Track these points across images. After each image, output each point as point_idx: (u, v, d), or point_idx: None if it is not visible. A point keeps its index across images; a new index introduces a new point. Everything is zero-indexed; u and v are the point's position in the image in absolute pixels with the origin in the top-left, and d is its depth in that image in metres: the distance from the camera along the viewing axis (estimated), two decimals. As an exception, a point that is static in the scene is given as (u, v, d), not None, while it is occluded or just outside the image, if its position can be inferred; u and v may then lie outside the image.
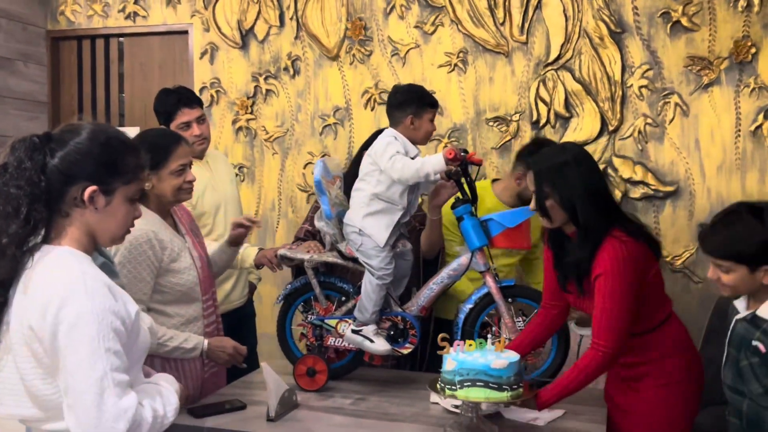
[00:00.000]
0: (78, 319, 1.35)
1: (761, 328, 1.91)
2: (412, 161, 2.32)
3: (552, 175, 2.11)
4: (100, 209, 1.48)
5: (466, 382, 1.88)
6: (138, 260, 2.12)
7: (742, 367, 1.96)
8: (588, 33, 3.48)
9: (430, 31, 3.68)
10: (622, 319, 2.04)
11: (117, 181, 1.50)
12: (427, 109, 2.44)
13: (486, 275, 2.37)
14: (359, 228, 2.38)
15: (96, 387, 1.34)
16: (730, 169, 3.33)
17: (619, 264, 2.03)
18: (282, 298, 2.60)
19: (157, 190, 2.22)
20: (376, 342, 2.39)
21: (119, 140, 1.53)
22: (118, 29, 4.20)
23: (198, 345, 2.24)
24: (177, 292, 2.22)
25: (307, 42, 3.87)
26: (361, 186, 2.43)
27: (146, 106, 4.19)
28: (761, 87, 3.27)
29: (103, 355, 1.35)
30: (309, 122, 3.89)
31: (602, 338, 2.04)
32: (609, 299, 2.03)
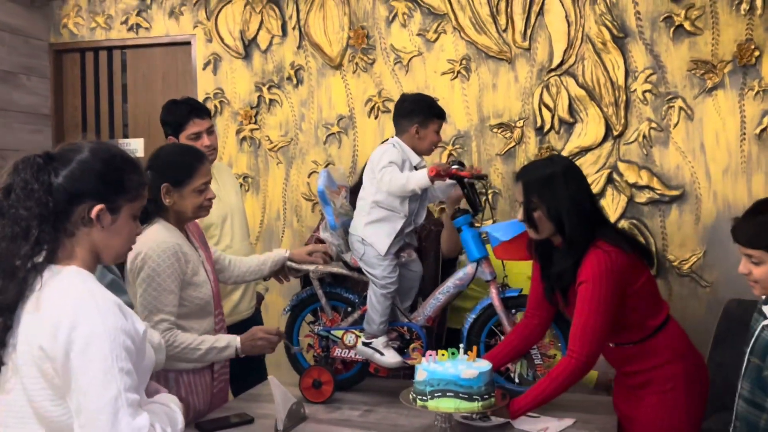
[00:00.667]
0: (91, 339, 1.34)
1: None
2: (400, 175, 2.32)
3: (539, 187, 2.13)
4: (107, 227, 1.48)
5: (436, 393, 1.88)
6: (167, 272, 2.12)
7: (764, 377, 1.87)
8: (591, 38, 3.47)
9: (432, 39, 3.68)
10: (598, 327, 2.05)
11: (122, 198, 1.50)
12: (434, 120, 2.44)
13: (491, 285, 2.36)
14: (361, 237, 2.38)
15: (110, 407, 1.33)
16: (735, 173, 3.32)
17: (600, 274, 2.04)
18: (289, 309, 2.59)
19: (178, 206, 2.22)
20: (386, 354, 2.38)
21: (123, 158, 1.53)
22: (121, 41, 4.21)
23: (231, 342, 2.23)
24: (195, 306, 2.22)
25: (309, 51, 3.88)
26: (363, 194, 2.43)
27: (150, 118, 4.21)
28: (765, 90, 3.26)
29: (117, 374, 1.35)
30: (313, 131, 3.89)
31: (576, 345, 2.05)
32: (587, 307, 2.05)
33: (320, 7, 3.85)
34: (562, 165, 2.17)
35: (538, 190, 2.12)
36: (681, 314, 2.63)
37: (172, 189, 2.19)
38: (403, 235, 2.41)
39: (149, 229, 2.16)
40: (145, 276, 2.10)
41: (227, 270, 2.51)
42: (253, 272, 2.56)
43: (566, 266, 2.11)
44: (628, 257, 2.10)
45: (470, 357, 1.97)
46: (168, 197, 2.19)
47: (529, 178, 2.16)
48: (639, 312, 2.15)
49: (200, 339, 2.18)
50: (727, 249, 3.30)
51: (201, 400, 2.24)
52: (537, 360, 2.32)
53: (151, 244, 2.12)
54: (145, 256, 2.11)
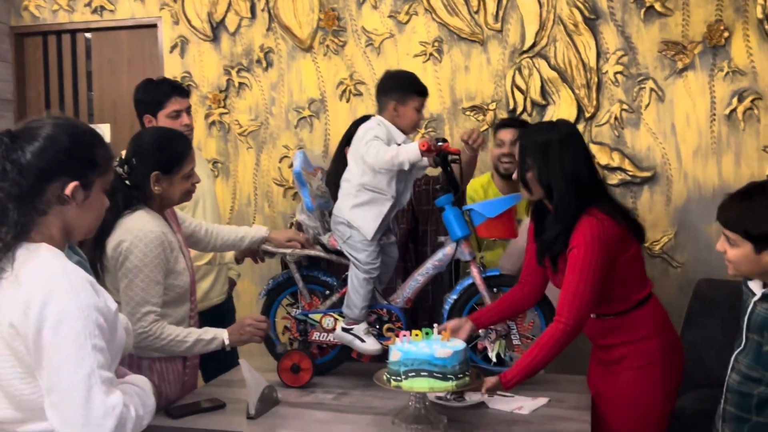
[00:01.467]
0: (63, 316, 1.33)
1: None
2: (387, 148, 2.27)
3: (534, 151, 2.14)
4: (80, 204, 1.46)
5: (410, 373, 1.86)
6: (154, 263, 2.07)
7: (764, 352, 1.85)
8: (562, 20, 3.46)
9: (404, 21, 3.65)
10: (586, 294, 2.05)
11: (94, 173, 1.47)
12: (414, 97, 2.37)
13: (471, 265, 2.34)
14: (347, 220, 2.34)
15: (83, 384, 1.32)
16: (706, 154, 3.34)
17: (591, 240, 2.05)
18: (265, 293, 2.55)
19: (166, 193, 2.16)
20: (367, 341, 2.35)
21: (90, 132, 1.50)
22: (85, 24, 4.10)
23: (218, 335, 2.19)
24: (176, 294, 2.17)
25: (279, 34, 3.81)
26: (348, 176, 2.38)
27: (116, 102, 4.11)
28: (735, 71, 3.28)
29: (90, 352, 1.33)
30: (283, 115, 3.83)
31: (564, 311, 2.06)
32: (576, 273, 2.05)
33: (290, -11, 3.79)
34: (562, 132, 2.17)
35: (533, 153, 2.14)
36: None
37: (162, 177, 2.14)
38: (389, 219, 2.37)
39: (132, 216, 2.10)
40: (132, 266, 2.05)
41: (204, 240, 2.48)
42: (230, 245, 2.53)
43: (555, 232, 2.12)
44: (620, 228, 2.10)
45: (444, 336, 1.95)
46: (158, 185, 2.13)
47: (527, 140, 2.18)
48: (625, 284, 2.15)
49: (187, 331, 2.13)
50: (697, 230, 3.33)
51: (172, 388, 2.19)
52: (515, 340, 2.31)
53: (137, 233, 2.06)
54: (131, 245, 2.05)
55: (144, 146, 2.17)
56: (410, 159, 2.23)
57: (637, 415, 2.18)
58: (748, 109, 3.27)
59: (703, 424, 2.20)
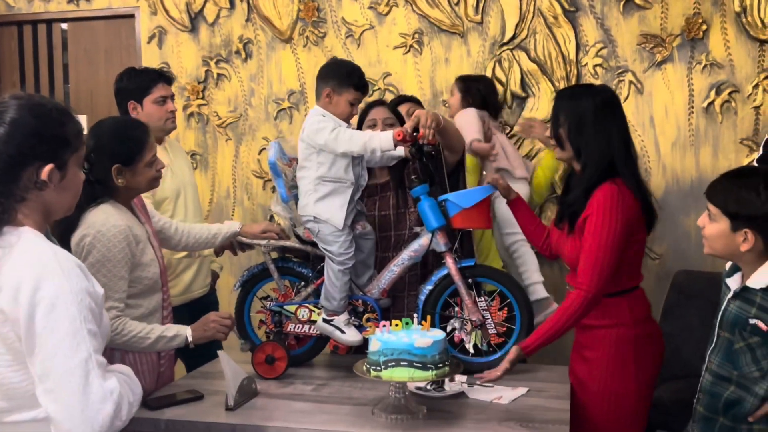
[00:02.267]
0: (57, 300, 1.30)
1: (756, 303, 1.82)
2: (360, 133, 2.26)
3: (568, 112, 2.16)
4: (57, 185, 1.42)
5: (390, 363, 1.86)
6: (117, 258, 2.03)
7: (736, 350, 1.86)
8: (542, 12, 3.47)
9: (384, 12, 3.63)
10: (606, 259, 2.07)
11: (67, 152, 1.43)
12: (350, 89, 2.31)
13: (446, 256, 2.33)
14: (313, 215, 2.32)
15: (81, 369, 1.30)
16: (684, 146, 3.37)
17: (609, 205, 2.07)
18: (240, 285, 2.53)
19: (131, 183, 2.11)
20: (348, 333, 2.34)
21: (57, 109, 1.45)
22: (61, 14, 4.05)
23: (181, 331, 2.15)
24: (144, 286, 2.14)
25: (258, 24, 3.78)
26: (304, 173, 2.35)
27: (92, 93, 4.06)
28: (712, 64, 3.30)
29: (86, 336, 1.32)
30: (263, 107, 3.81)
31: (585, 278, 2.09)
32: (595, 239, 2.08)
33: (269, -21, 3.76)
34: (597, 101, 2.16)
35: (567, 114, 2.16)
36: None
37: (124, 168, 2.09)
38: (355, 204, 2.36)
39: (96, 211, 2.05)
40: (94, 261, 2.00)
41: (174, 238, 2.44)
42: (203, 243, 2.50)
43: (578, 193, 2.15)
44: (637, 205, 2.13)
45: (424, 326, 1.95)
46: (120, 178, 2.08)
47: (562, 99, 2.21)
48: (623, 266, 2.16)
49: (149, 328, 2.09)
50: (675, 221, 3.35)
51: (148, 380, 2.16)
52: (491, 330, 2.31)
53: (100, 227, 2.01)
54: (94, 240, 2.00)
55: (101, 140, 2.10)
56: (382, 147, 2.21)
57: (612, 404, 2.19)
58: (726, 101, 3.30)
59: (680, 414, 2.22)
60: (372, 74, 3.64)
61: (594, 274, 2.08)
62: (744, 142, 3.29)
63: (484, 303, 2.32)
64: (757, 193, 1.80)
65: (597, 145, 2.13)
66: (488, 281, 2.39)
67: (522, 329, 2.31)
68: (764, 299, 1.81)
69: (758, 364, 1.82)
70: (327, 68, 2.39)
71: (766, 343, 1.80)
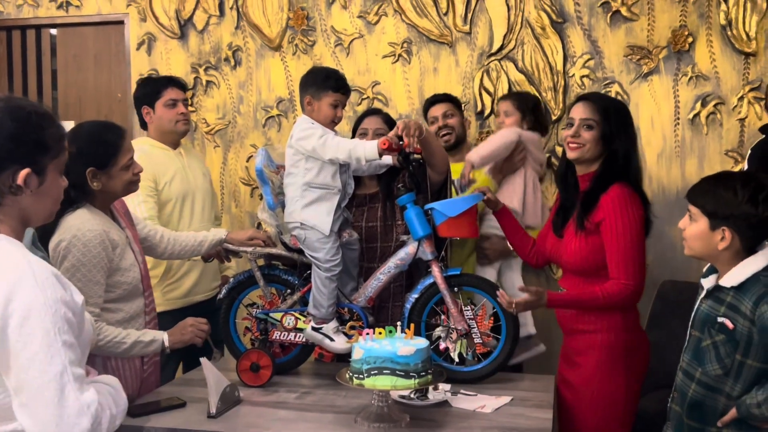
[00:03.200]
0: (30, 312, 1.27)
1: (725, 302, 1.87)
2: (346, 140, 2.27)
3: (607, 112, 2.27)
4: (35, 191, 1.39)
5: (373, 371, 1.86)
6: (92, 263, 2.02)
7: (702, 348, 1.91)
8: (530, 23, 3.49)
9: (373, 21, 3.64)
10: (637, 252, 2.18)
11: (46, 157, 1.40)
12: (328, 92, 2.34)
13: (432, 264, 2.34)
14: (300, 222, 2.32)
15: (56, 383, 1.27)
16: (670, 157, 3.39)
17: (625, 204, 2.18)
18: (226, 293, 2.52)
19: (107, 187, 2.10)
20: (336, 340, 2.33)
21: (38, 113, 1.41)
22: (50, 19, 4.04)
23: (157, 336, 2.15)
24: (124, 290, 2.13)
25: (248, 32, 3.79)
26: (291, 180, 2.35)
27: (81, 99, 4.06)
28: (698, 75, 3.33)
29: (60, 348, 1.28)
30: (251, 114, 3.81)
31: (622, 274, 2.17)
32: (620, 238, 2.16)
33: (259, -13, 3.77)
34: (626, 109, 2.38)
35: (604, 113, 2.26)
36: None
37: (98, 172, 2.07)
38: (341, 210, 2.36)
39: (73, 215, 2.04)
40: (69, 266, 1.99)
41: (159, 246, 2.43)
42: (189, 251, 2.49)
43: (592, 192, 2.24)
44: (641, 209, 2.24)
45: (408, 335, 1.95)
46: (95, 181, 2.07)
47: (601, 101, 2.33)
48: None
49: (125, 333, 2.09)
50: (661, 231, 3.36)
51: (130, 386, 2.15)
52: (477, 339, 2.31)
53: (76, 232, 2.01)
54: (69, 245, 2.00)
55: (76, 144, 2.04)
56: (366, 155, 2.22)
57: (602, 407, 2.24)
58: (711, 113, 3.33)
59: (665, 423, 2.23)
60: (361, 83, 3.65)
61: (630, 268, 2.17)
62: (729, 153, 3.31)
63: (470, 312, 2.32)
64: (734, 193, 1.85)
65: (624, 149, 2.26)
66: (475, 290, 2.39)
67: (508, 339, 2.32)
68: (734, 297, 1.85)
69: (721, 361, 1.86)
70: (305, 77, 2.44)
71: (731, 341, 1.83)
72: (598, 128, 2.25)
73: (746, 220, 1.84)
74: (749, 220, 1.84)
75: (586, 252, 2.25)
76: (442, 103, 3.14)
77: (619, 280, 2.17)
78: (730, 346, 1.84)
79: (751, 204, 1.83)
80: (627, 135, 2.29)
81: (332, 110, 2.35)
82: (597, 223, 2.21)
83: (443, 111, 3.11)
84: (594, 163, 2.29)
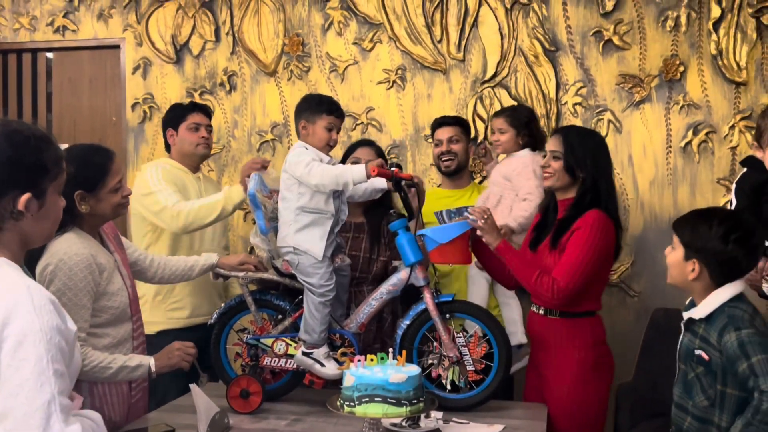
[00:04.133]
0: (25, 338, 1.25)
1: (699, 334, 1.93)
2: (332, 167, 2.28)
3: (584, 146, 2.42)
4: (35, 214, 1.38)
5: (364, 398, 1.84)
6: (78, 287, 2.00)
7: (689, 380, 1.96)
8: (523, 51, 3.52)
9: (368, 48, 3.67)
10: (583, 267, 2.30)
11: (45, 180, 1.39)
12: (322, 116, 2.37)
13: (425, 290, 2.33)
14: (293, 246, 2.32)
15: (42, 411, 1.24)
16: (662, 184, 3.40)
17: (599, 226, 2.32)
18: (216, 317, 2.50)
19: (95, 210, 2.09)
20: (327, 366, 2.31)
21: (35, 136, 1.41)
22: (47, 43, 4.06)
23: (143, 361, 2.12)
24: (111, 315, 2.11)
25: (243, 57, 3.81)
26: (284, 204, 2.36)
27: (75, 122, 4.06)
28: (690, 104, 3.36)
29: (52, 377, 1.26)
30: (246, 138, 3.82)
31: (561, 275, 2.30)
32: (578, 248, 2.31)
33: (255, 13, 3.80)
34: (601, 138, 2.59)
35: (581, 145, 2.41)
36: (610, 323, 2.67)
37: (87, 195, 2.06)
38: (335, 236, 2.36)
39: (60, 239, 2.03)
40: (55, 290, 1.97)
41: (149, 270, 2.42)
42: (180, 275, 2.48)
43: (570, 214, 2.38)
44: (613, 236, 2.38)
45: (399, 362, 1.93)
46: (83, 204, 2.06)
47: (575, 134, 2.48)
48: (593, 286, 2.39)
49: (111, 358, 2.06)
50: (654, 259, 3.37)
51: (117, 411, 2.12)
52: (470, 366, 2.30)
53: (63, 256, 1.99)
54: (56, 269, 1.98)
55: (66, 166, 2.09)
56: (355, 180, 2.24)
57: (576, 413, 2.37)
58: (703, 141, 3.35)
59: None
60: (355, 108, 3.67)
61: (572, 274, 2.29)
62: (721, 181, 3.33)
63: (462, 339, 2.31)
64: (709, 227, 1.91)
65: (600, 176, 2.41)
66: (467, 317, 2.38)
67: (500, 367, 2.30)
68: (705, 330, 1.91)
69: (705, 393, 1.90)
70: (299, 104, 2.48)
71: (710, 373, 1.88)
72: (563, 159, 2.41)
73: (715, 256, 1.89)
74: (718, 256, 1.89)
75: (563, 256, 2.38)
76: (450, 127, 3.12)
77: (556, 279, 2.30)
78: (710, 378, 1.89)
79: (721, 241, 1.88)
80: (594, 164, 2.41)
81: (327, 133, 2.38)
82: (572, 232, 2.35)
83: (449, 135, 3.09)
84: (570, 190, 2.44)
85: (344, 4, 3.69)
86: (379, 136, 3.60)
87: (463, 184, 3.17)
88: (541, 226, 2.53)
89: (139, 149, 3.93)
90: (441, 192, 3.19)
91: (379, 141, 3.27)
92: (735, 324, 1.84)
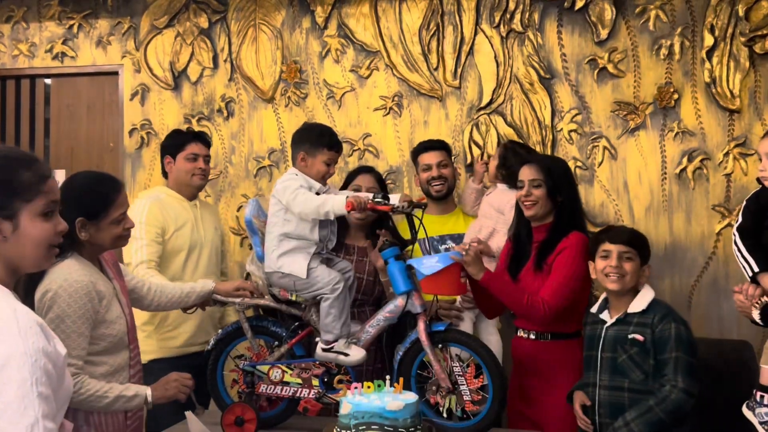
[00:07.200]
0: (9, 360, 1.24)
1: (633, 322, 2.31)
2: (315, 197, 2.29)
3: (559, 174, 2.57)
4: (9, 236, 1.37)
5: (361, 426, 1.84)
6: (78, 314, 1.99)
7: (620, 363, 2.30)
8: (519, 78, 3.55)
9: (365, 75, 3.70)
10: (572, 284, 2.42)
11: (16, 201, 1.38)
12: (323, 150, 2.39)
13: (419, 319, 2.31)
14: (277, 269, 2.32)
15: None
16: (657, 211, 3.42)
17: (583, 248, 2.46)
18: (213, 344, 2.49)
19: (95, 239, 2.09)
20: (351, 353, 2.30)
21: (7, 156, 1.40)
22: (45, 69, 4.08)
23: (140, 391, 2.10)
24: (109, 343, 2.09)
25: (241, 84, 3.84)
26: (270, 229, 2.37)
27: (73, 149, 4.07)
28: (684, 131, 3.38)
29: (35, 400, 1.25)
30: (243, 164, 3.83)
31: (548, 294, 2.40)
32: (566, 267, 2.43)
33: (253, 41, 3.83)
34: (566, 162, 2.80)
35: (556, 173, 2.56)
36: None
37: (87, 223, 2.06)
38: (321, 257, 2.36)
39: (61, 265, 2.02)
40: (54, 317, 1.96)
41: (146, 298, 2.41)
42: (176, 303, 2.47)
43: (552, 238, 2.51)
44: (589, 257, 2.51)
45: (397, 389, 1.92)
46: (84, 232, 2.05)
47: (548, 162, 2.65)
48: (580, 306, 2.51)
49: (108, 387, 2.04)
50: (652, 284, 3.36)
51: (113, 439, 2.11)
52: (466, 396, 2.28)
53: (62, 282, 1.98)
54: (55, 296, 1.97)
55: (69, 192, 2.03)
56: (335, 211, 2.25)
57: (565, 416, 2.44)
58: (698, 168, 3.37)
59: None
60: (352, 135, 3.69)
61: (555, 295, 2.39)
62: (716, 208, 3.35)
63: (459, 369, 2.28)
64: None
65: (574, 197, 2.59)
66: (459, 347, 2.33)
67: (495, 397, 2.25)
68: (640, 319, 2.31)
69: (640, 368, 2.27)
70: (299, 133, 2.46)
71: (644, 350, 2.26)
72: (544, 185, 2.52)
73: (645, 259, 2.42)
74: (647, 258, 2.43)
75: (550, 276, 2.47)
76: (437, 151, 3.13)
77: (545, 298, 2.39)
78: (643, 354, 2.26)
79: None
80: (570, 186, 2.60)
81: (325, 167, 2.40)
82: (559, 252, 2.44)
83: (438, 160, 3.11)
84: (547, 216, 2.56)
85: (341, 31, 3.73)
86: (375, 162, 3.62)
87: (449, 209, 3.19)
88: (517, 257, 2.60)
89: (136, 175, 3.94)
90: (428, 217, 3.17)
91: (375, 167, 3.29)
92: (674, 317, 2.29)
